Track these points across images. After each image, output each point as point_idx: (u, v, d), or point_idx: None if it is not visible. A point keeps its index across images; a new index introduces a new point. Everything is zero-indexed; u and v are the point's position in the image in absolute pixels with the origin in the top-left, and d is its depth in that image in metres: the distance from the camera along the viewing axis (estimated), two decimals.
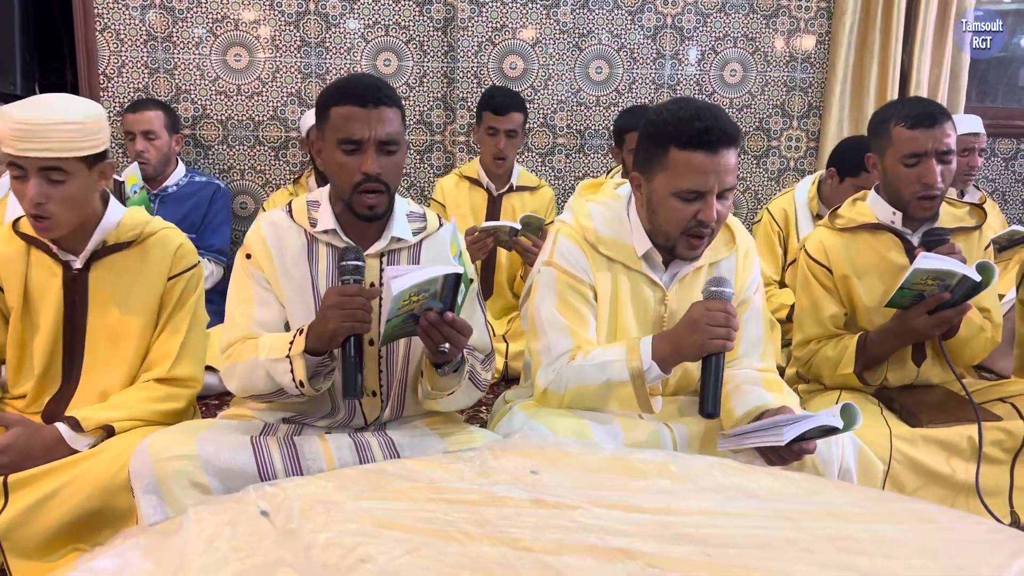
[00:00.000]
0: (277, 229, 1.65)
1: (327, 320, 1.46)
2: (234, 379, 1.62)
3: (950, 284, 1.84)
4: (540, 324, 1.69)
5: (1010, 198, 4.06)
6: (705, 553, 0.90)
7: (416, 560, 0.87)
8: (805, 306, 2.16)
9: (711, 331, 1.47)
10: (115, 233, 1.76)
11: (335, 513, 0.97)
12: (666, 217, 1.57)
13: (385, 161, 1.56)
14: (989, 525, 1.01)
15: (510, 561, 0.88)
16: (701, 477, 1.10)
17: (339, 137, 1.55)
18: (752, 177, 3.86)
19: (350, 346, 1.47)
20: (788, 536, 0.95)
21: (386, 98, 1.56)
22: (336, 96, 1.57)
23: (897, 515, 1.01)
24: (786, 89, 3.79)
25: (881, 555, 0.91)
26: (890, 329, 2.00)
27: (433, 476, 1.09)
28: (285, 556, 0.85)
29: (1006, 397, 2.12)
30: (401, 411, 1.73)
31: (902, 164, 1.96)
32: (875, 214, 2.08)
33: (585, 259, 1.68)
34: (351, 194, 1.57)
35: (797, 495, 1.07)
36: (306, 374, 1.49)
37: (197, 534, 0.89)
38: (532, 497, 1.02)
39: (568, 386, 1.62)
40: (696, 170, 1.50)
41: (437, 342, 1.46)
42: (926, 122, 1.93)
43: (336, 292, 1.47)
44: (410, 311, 1.42)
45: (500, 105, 2.98)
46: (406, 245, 1.68)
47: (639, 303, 1.69)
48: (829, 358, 2.10)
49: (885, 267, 2.06)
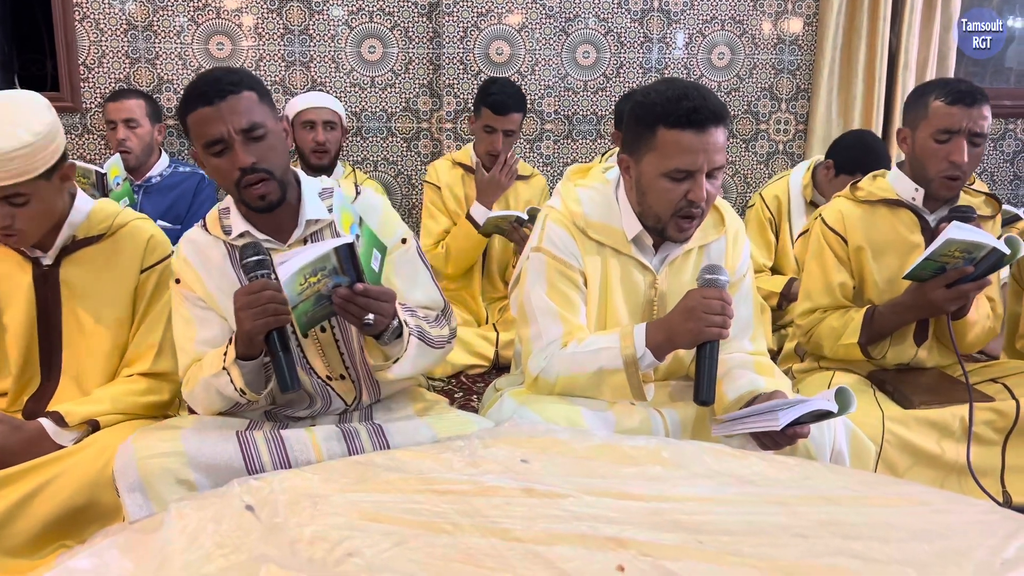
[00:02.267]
0: (196, 246, 1.63)
1: (242, 322, 1.43)
2: (197, 403, 1.61)
3: (975, 257, 1.83)
4: (530, 311, 1.67)
5: (998, 178, 4.06)
6: (697, 540, 0.89)
7: (403, 553, 0.85)
8: (815, 274, 2.15)
9: (707, 319, 1.45)
10: (84, 226, 1.72)
11: (322, 506, 0.95)
12: (656, 198, 1.56)
13: (256, 148, 1.50)
14: (984, 506, 1.00)
15: (500, 552, 0.86)
16: (693, 463, 1.09)
17: (203, 142, 1.51)
18: (741, 161, 3.84)
19: (274, 341, 1.43)
20: (781, 521, 0.93)
21: (231, 86, 1.50)
22: (185, 105, 1.52)
23: (891, 498, 1.00)
24: (774, 72, 3.77)
25: (876, 539, 0.90)
26: (902, 302, 1.99)
27: (422, 467, 1.07)
28: (270, 551, 0.83)
29: (998, 377, 2.12)
30: (378, 391, 1.71)
31: (933, 139, 1.96)
32: (896, 190, 2.08)
33: (574, 244, 1.66)
34: (238, 191, 1.53)
35: (790, 480, 1.06)
36: (243, 381, 1.48)
37: (179, 531, 0.87)
38: (522, 486, 1.01)
39: (560, 373, 1.60)
40: (685, 149, 1.49)
41: (358, 316, 1.42)
42: (966, 100, 1.92)
43: (242, 292, 1.43)
44: (317, 293, 1.39)
45: (500, 104, 2.90)
46: (326, 223, 1.63)
47: (629, 287, 1.67)
48: (833, 328, 2.09)
49: (900, 244, 2.06)
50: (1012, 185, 4.08)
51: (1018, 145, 4.02)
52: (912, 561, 0.85)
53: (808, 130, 3.81)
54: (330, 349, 1.63)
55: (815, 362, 2.26)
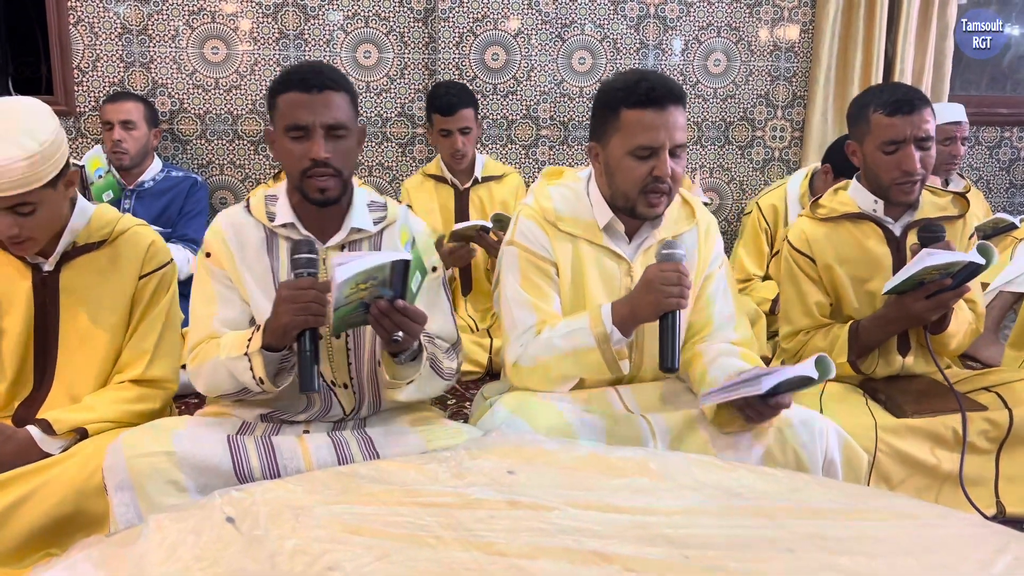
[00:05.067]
0: (235, 225, 1.64)
1: (280, 315, 1.44)
2: (200, 380, 1.61)
3: (952, 271, 1.83)
4: (505, 302, 1.73)
5: (994, 186, 4.06)
6: (684, 555, 0.87)
7: (385, 567, 0.84)
8: (791, 296, 2.14)
9: (665, 290, 1.52)
10: (85, 232, 1.71)
11: (303, 519, 0.94)
12: (624, 178, 1.63)
13: (333, 146, 1.54)
14: (973, 520, 0.99)
15: (482, 566, 0.85)
16: (680, 475, 1.08)
17: (286, 124, 1.54)
18: (737, 168, 3.83)
19: (305, 340, 1.45)
20: (769, 535, 0.92)
21: (331, 82, 1.54)
22: (281, 84, 1.56)
23: (880, 512, 0.99)
24: (770, 79, 3.76)
25: (863, 554, 0.88)
26: (884, 315, 1.99)
27: (406, 478, 1.06)
28: (248, 565, 0.82)
29: (991, 386, 2.11)
30: (379, 404, 1.71)
31: (881, 152, 1.96)
32: (857, 203, 2.07)
33: (546, 237, 1.72)
34: (301, 180, 1.56)
35: (778, 493, 1.04)
36: (265, 371, 1.48)
37: (157, 543, 0.86)
38: (507, 498, 0.99)
39: (537, 358, 1.65)
40: (647, 127, 1.57)
41: (389, 331, 1.44)
42: (904, 109, 1.92)
43: (288, 286, 1.44)
44: (360, 299, 1.40)
45: (446, 105, 2.90)
46: (367, 235, 1.66)
47: (604, 277, 1.72)
48: (820, 348, 2.08)
49: (867, 256, 2.05)
50: (1008, 193, 4.07)
51: (1014, 153, 4.01)
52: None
53: (804, 137, 3.80)
54: (339, 355, 1.64)
55: None
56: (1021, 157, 4.00)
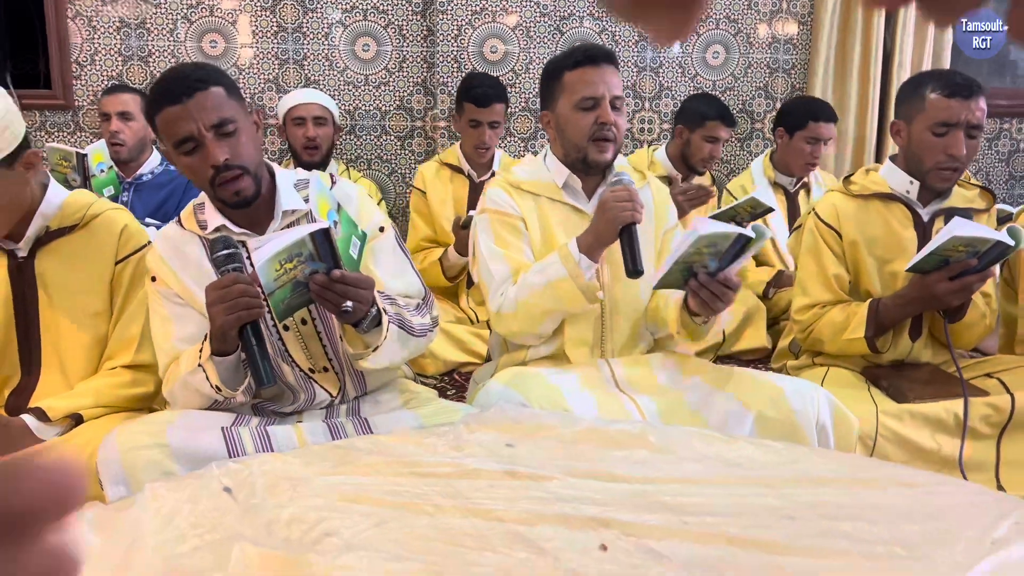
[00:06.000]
0: (171, 242, 1.61)
1: (214, 317, 1.41)
2: (177, 403, 1.59)
3: (979, 251, 1.82)
4: (481, 262, 1.84)
5: (993, 178, 4.05)
6: (682, 521, 0.87)
7: (383, 533, 0.84)
8: (811, 269, 2.13)
9: (618, 207, 1.65)
10: (58, 217, 1.68)
11: (301, 488, 0.93)
12: (573, 131, 1.81)
13: (228, 144, 1.48)
14: (975, 488, 0.98)
15: (481, 532, 0.84)
16: (680, 447, 1.07)
17: (172, 142, 1.49)
18: (735, 160, 3.83)
19: (249, 335, 1.41)
20: (769, 503, 0.92)
21: (198, 83, 1.47)
22: (153, 103, 1.50)
23: (880, 481, 0.98)
24: (769, 71, 3.76)
25: (864, 520, 0.88)
26: (906, 294, 1.97)
27: (405, 451, 1.05)
28: (245, 531, 0.81)
29: (993, 372, 2.10)
30: (364, 383, 1.69)
31: (931, 132, 1.95)
32: (889, 184, 2.07)
33: (510, 198, 1.86)
34: (212, 189, 1.51)
35: (778, 463, 1.04)
36: (219, 378, 1.46)
37: (154, 511, 0.85)
38: (506, 469, 0.99)
39: (517, 299, 1.75)
40: (587, 82, 1.78)
41: (336, 303, 1.41)
42: (963, 92, 1.91)
43: (213, 287, 1.41)
44: (294, 279, 1.37)
45: (482, 96, 2.90)
46: (302, 213, 1.62)
47: (569, 232, 1.82)
48: (836, 322, 2.07)
49: (894, 238, 2.04)
50: (1007, 185, 4.07)
51: (1013, 145, 4.01)
52: (901, 541, 0.83)
53: None
54: (312, 342, 1.62)
55: (810, 358, 2.24)
56: (1020, 149, 4.00)
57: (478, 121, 2.93)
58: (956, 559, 0.79)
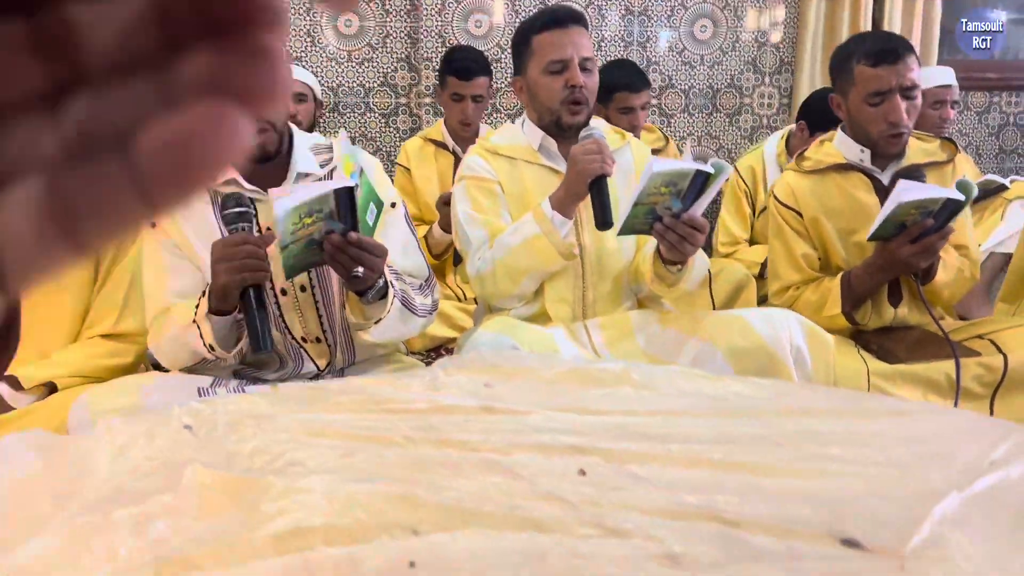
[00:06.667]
0: None
1: (217, 275, 1.36)
2: (161, 355, 1.56)
3: (932, 210, 1.79)
4: (460, 227, 1.82)
5: (983, 151, 4.02)
6: (666, 448, 0.83)
7: (351, 462, 0.79)
8: (779, 251, 2.11)
9: (587, 159, 1.63)
10: None
11: (265, 425, 0.89)
12: (545, 95, 1.79)
13: None
14: (970, 415, 0.94)
15: (454, 461, 0.80)
16: (663, 385, 1.03)
17: None
18: (725, 136, 3.79)
19: (250, 298, 1.36)
20: (756, 432, 0.87)
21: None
22: None
23: (872, 411, 0.94)
24: (757, 45, 3.72)
25: (855, 445, 0.84)
26: (873, 263, 1.95)
27: (379, 391, 1.01)
28: (201, 458, 0.77)
29: (984, 334, 2.08)
30: (353, 355, 1.65)
31: (867, 104, 1.92)
32: (843, 154, 2.04)
33: (487, 163, 1.85)
34: None
35: (765, 397, 0.99)
36: (215, 337, 1.42)
37: (107, 443, 0.80)
38: (482, 404, 0.94)
39: (494, 260, 1.74)
40: (555, 45, 1.76)
41: (347, 266, 1.37)
42: (889, 58, 1.88)
43: (221, 243, 1.37)
44: (309, 236, 1.33)
45: (464, 70, 2.85)
46: (315, 178, 1.59)
47: (547, 192, 1.78)
48: (811, 302, 2.05)
49: (855, 207, 2.02)
50: (998, 159, 4.04)
51: (1003, 118, 3.98)
52: (895, 463, 0.79)
53: (792, 104, 3.75)
54: (308, 309, 1.58)
55: None
56: (1010, 122, 3.97)
57: (461, 95, 2.88)
58: (953, 478, 0.75)
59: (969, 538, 0.65)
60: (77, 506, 0.66)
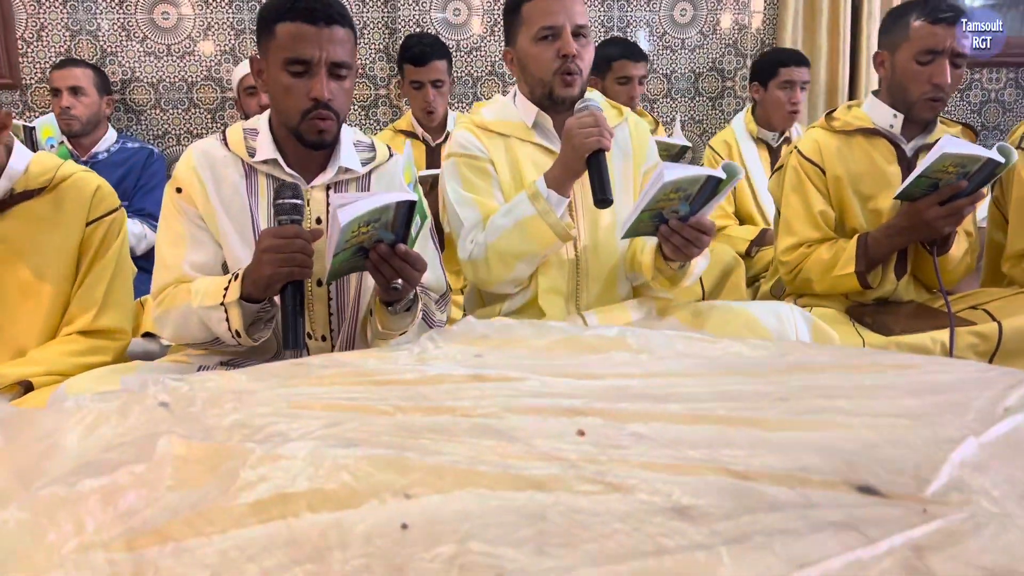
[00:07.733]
0: (211, 159, 1.51)
1: (262, 265, 1.32)
2: (167, 327, 1.50)
3: (969, 171, 1.78)
4: (450, 209, 1.75)
5: None
6: (667, 408, 0.79)
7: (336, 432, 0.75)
8: (796, 207, 2.09)
9: (584, 132, 1.56)
10: (23, 180, 1.62)
11: (246, 399, 0.84)
12: (536, 65, 1.72)
13: (336, 86, 1.44)
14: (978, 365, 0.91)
15: (446, 427, 0.76)
16: (661, 348, 0.99)
17: (286, 56, 1.41)
18: (708, 120, 3.77)
19: (291, 295, 1.33)
20: (759, 389, 0.84)
21: (339, 16, 1.43)
22: (283, 11, 1.42)
23: (878, 366, 0.91)
24: (738, 28, 3.70)
25: (863, 397, 0.80)
26: (895, 224, 1.95)
27: (364, 364, 0.97)
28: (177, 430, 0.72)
29: (978, 304, 2.08)
30: None
31: (916, 61, 1.92)
32: (872, 119, 2.04)
33: (477, 140, 1.77)
34: (299, 121, 1.44)
35: (768, 357, 0.96)
36: (243, 323, 1.38)
37: (77, 421, 0.76)
38: (473, 373, 0.90)
39: (487, 243, 1.66)
40: (546, 11, 1.68)
41: (389, 277, 1.35)
42: (949, 19, 1.89)
43: (272, 234, 1.33)
44: (359, 243, 1.29)
45: (419, 55, 2.82)
46: (354, 176, 1.57)
47: (540, 172, 1.72)
48: (824, 260, 2.04)
49: (877, 173, 2.01)
50: (980, 136, 4.04)
51: (984, 95, 3.99)
52: (906, 413, 0.76)
53: None
54: (320, 305, 1.54)
55: (794, 301, 2.20)
56: (992, 99, 3.98)
57: (420, 82, 2.85)
58: (969, 425, 0.72)
59: (992, 481, 0.62)
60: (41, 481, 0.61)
